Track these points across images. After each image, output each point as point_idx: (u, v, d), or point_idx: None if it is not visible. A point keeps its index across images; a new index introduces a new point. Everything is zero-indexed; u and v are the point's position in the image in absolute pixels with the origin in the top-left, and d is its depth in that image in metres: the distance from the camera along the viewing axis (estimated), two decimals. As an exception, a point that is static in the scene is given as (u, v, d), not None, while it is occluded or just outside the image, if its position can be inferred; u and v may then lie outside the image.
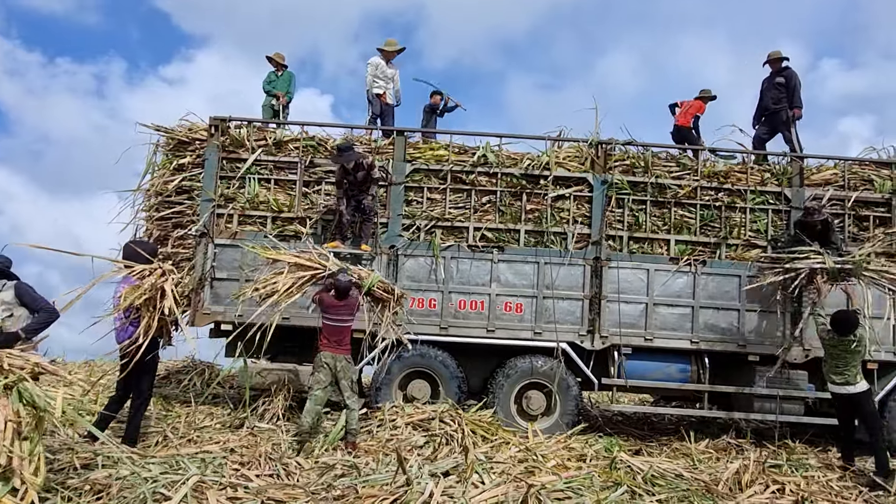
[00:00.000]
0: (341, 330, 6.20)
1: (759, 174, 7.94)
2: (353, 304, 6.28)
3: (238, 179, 7.65)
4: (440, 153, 7.84)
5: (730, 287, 7.64)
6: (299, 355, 7.82)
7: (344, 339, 6.22)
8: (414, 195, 7.75)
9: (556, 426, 7.28)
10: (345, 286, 6.17)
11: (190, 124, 7.98)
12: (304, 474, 5.15)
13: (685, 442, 7.23)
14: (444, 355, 7.42)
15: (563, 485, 4.76)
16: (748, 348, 7.56)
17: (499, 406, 7.29)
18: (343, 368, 6.16)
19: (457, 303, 7.58)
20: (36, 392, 3.77)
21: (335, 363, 6.14)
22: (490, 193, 7.76)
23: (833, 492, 5.53)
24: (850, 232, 7.80)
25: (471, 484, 4.71)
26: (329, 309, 6.19)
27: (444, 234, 7.65)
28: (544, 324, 7.53)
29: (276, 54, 8.94)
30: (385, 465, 5.35)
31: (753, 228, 7.81)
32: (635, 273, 7.63)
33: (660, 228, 7.78)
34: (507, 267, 7.63)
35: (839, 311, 6.44)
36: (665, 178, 7.82)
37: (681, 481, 5.25)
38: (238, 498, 4.39)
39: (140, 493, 4.23)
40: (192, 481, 4.44)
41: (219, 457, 5.29)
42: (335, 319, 6.18)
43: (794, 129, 8.51)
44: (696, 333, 7.57)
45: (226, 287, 7.50)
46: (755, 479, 5.40)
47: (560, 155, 7.88)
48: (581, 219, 7.74)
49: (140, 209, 7.86)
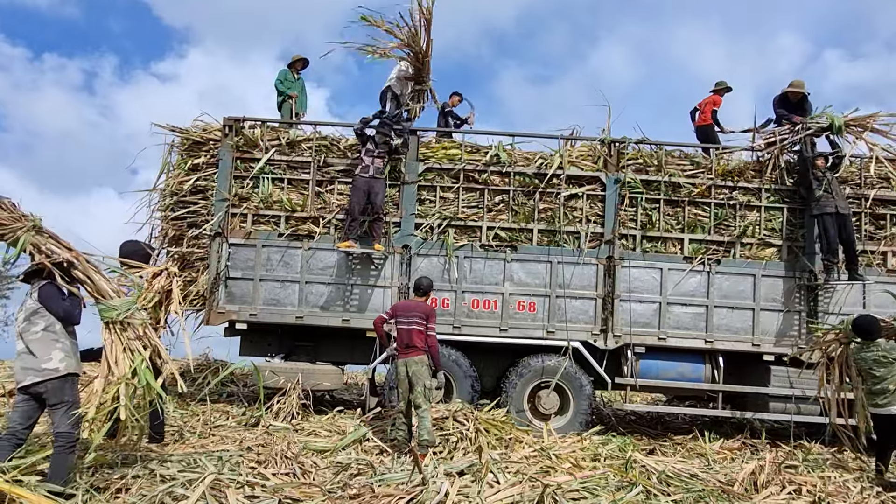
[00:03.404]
0: (410, 333, 5.90)
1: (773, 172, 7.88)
2: (426, 308, 6.02)
3: (252, 179, 7.70)
4: (453, 152, 7.85)
5: (744, 286, 7.60)
6: (313, 354, 7.89)
7: (413, 341, 5.89)
8: (427, 194, 7.76)
9: (570, 425, 7.27)
10: (426, 284, 6.12)
11: (204, 125, 8.04)
12: (320, 473, 5.17)
13: (699, 442, 7.20)
14: (457, 354, 7.43)
15: (579, 485, 4.76)
16: (763, 347, 7.52)
17: (512, 405, 7.30)
18: (415, 372, 5.83)
19: (470, 302, 7.59)
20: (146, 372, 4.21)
21: (406, 369, 5.87)
22: (503, 192, 7.75)
23: (850, 493, 5.48)
24: (867, 230, 7.74)
25: (486, 483, 4.72)
26: (400, 311, 6.02)
27: (457, 234, 7.66)
28: (557, 323, 7.53)
29: (300, 59, 8.94)
30: (400, 464, 5.38)
31: (768, 227, 7.76)
32: (649, 272, 7.61)
33: (673, 227, 7.75)
34: (520, 266, 7.62)
35: (860, 317, 6.25)
36: (679, 177, 7.78)
37: (696, 481, 5.24)
38: (256, 496, 4.42)
39: (158, 491, 4.27)
40: (209, 480, 4.48)
41: (235, 455, 5.34)
42: (406, 322, 5.93)
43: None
44: (710, 333, 7.54)
45: (240, 286, 7.56)
46: (771, 480, 5.36)
47: (572, 154, 7.87)
48: (594, 218, 7.72)
49: (155, 209, 7.92)
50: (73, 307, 4.18)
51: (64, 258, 4.11)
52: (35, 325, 4.08)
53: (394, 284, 7.59)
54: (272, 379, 7.30)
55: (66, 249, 4.18)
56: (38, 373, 4.05)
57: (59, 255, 4.10)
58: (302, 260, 7.58)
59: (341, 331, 7.66)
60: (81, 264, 4.20)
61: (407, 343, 5.90)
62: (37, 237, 4.07)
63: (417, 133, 7.96)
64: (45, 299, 4.10)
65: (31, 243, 4.05)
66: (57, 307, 4.11)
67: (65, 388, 4.12)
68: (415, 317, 5.91)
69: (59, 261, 4.10)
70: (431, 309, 6.09)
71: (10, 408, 6.56)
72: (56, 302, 4.11)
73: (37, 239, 4.07)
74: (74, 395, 4.20)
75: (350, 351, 7.94)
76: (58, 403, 4.11)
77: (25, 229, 4.01)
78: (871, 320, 6.13)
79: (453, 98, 9.20)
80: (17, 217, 4.03)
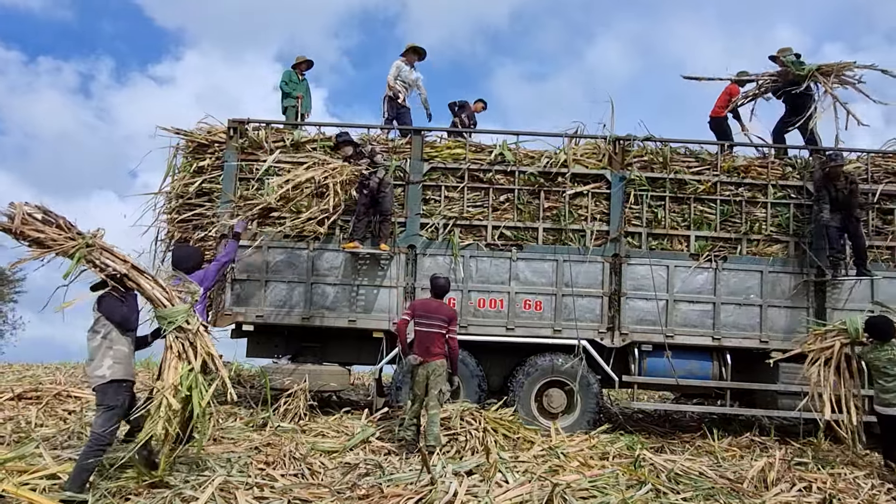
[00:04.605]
0: (431, 336, 5.85)
1: (780, 168, 7.85)
2: (448, 312, 5.97)
3: (257, 181, 7.70)
4: (457, 151, 7.84)
5: (752, 283, 7.57)
6: (320, 355, 7.90)
7: (434, 345, 5.85)
8: (432, 194, 7.75)
9: (577, 424, 7.26)
10: (443, 285, 6.06)
11: (208, 127, 8.05)
12: (329, 474, 5.18)
13: (708, 439, 7.17)
14: (463, 354, 7.40)
15: (588, 483, 4.75)
16: (771, 344, 7.48)
17: (519, 404, 7.28)
18: (434, 377, 5.79)
19: (476, 301, 7.58)
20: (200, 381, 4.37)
21: (426, 372, 5.82)
22: (508, 191, 7.74)
23: (861, 489, 5.45)
24: (875, 225, 7.70)
25: (494, 483, 4.72)
26: (420, 314, 5.94)
27: (462, 233, 7.65)
28: (564, 321, 7.51)
29: (304, 60, 8.95)
30: (409, 464, 5.38)
31: (775, 223, 7.72)
32: (655, 269, 7.58)
33: (679, 224, 7.72)
34: (525, 265, 7.61)
35: (875, 318, 6.21)
36: (684, 174, 7.75)
37: (705, 479, 5.22)
38: (265, 497, 4.43)
39: (168, 493, 4.28)
40: (218, 481, 4.50)
41: (244, 456, 5.35)
42: (426, 324, 5.87)
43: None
44: (718, 330, 7.51)
45: (246, 288, 7.57)
46: (781, 477, 5.33)
47: (577, 152, 7.85)
48: (599, 216, 7.70)
49: (161, 211, 7.94)
50: (130, 312, 4.45)
51: (117, 270, 4.36)
52: (97, 334, 4.37)
53: (399, 285, 7.59)
54: (279, 380, 7.32)
55: (122, 261, 4.43)
56: (91, 378, 4.37)
57: (112, 267, 4.35)
58: (308, 261, 7.58)
59: (348, 331, 7.67)
60: (132, 274, 4.42)
61: (427, 346, 5.84)
62: (92, 253, 4.29)
63: (422, 133, 7.96)
64: (103, 308, 4.38)
65: (86, 259, 4.27)
66: (114, 315, 4.36)
67: (108, 392, 4.33)
68: (436, 320, 5.87)
69: (113, 273, 4.34)
70: (454, 313, 6.09)
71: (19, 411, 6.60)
72: (113, 310, 4.36)
73: (91, 255, 4.29)
74: (118, 401, 4.37)
75: (357, 351, 7.94)
76: (100, 405, 4.36)
77: (79, 246, 4.24)
78: (886, 321, 6.09)
79: (477, 104, 9.43)
80: (72, 235, 4.29)
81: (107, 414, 4.31)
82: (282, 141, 7.84)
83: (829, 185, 7.32)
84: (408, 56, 8.80)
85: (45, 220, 4.24)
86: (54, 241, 4.21)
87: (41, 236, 4.18)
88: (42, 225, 4.21)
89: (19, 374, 9.94)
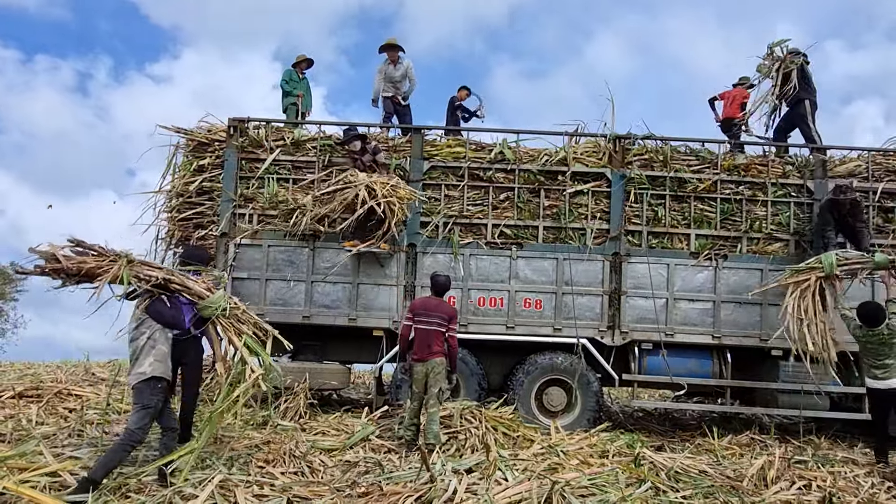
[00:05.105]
0: (431, 334, 5.84)
1: (780, 166, 7.84)
2: (449, 311, 5.96)
3: (257, 179, 7.71)
4: (457, 150, 7.84)
5: (752, 281, 7.55)
6: (320, 353, 7.89)
7: (434, 343, 5.84)
8: (432, 192, 7.75)
9: (577, 422, 7.26)
10: (443, 283, 6.05)
11: (209, 126, 8.06)
12: (329, 472, 5.18)
13: (708, 438, 7.16)
14: (463, 352, 7.39)
15: (588, 481, 4.75)
16: (771, 342, 7.48)
17: (519, 403, 7.28)
18: (434, 375, 5.79)
19: (476, 300, 7.58)
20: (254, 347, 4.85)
21: (425, 369, 5.81)
22: (508, 190, 7.74)
23: (861, 487, 5.45)
24: (875, 223, 7.68)
25: (494, 481, 4.72)
26: (420, 312, 5.92)
27: (462, 232, 7.65)
28: (564, 320, 7.51)
29: (304, 59, 8.96)
30: (409, 462, 5.38)
31: (775, 221, 7.72)
32: (655, 268, 7.57)
33: (679, 223, 7.71)
34: (525, 263, 7.61)
35: (863, 305, 6.30)
36: (684, 172, 7.75)
37: (705, 477, 5.22)
38: (264, 495, 4.43)
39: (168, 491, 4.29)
40: (218, 479, 4.50)
41: (244, 454, 5.35)
42: (426, 323, 5.85)
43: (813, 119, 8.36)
44: (718, 328, 7.51)
45: (247, 286, 7.57)
46: (781, 475, 5.33)
47: (577, 150, 7.84)
48: (600, 214, 7.70)
49: (162, 210, 7.95)
50: (179, 314, 4.73)
51: (160, 278, 4.61)
52: (141, 334, 4.57)
53: (400, 283, 7.59)
54: (279, 378, 7.31)
55: (158, 269, 4.72)
56: (133, 376, 4.56)
57: (154, 276, 4.60)
58: (308, 259, 7.59)
59: (348, 330, 7.67)
60: (175, 278, 4.71)
61: (427, 344, 5.84)
62: (134, 268, 4.56)
63: (422, 131, 7.96)
64: (152, 313, 4.61)
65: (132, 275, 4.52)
66: (164, 317, 4.62)
67: (145, 390, 4.50)
68: (436, 318, 5.87)
69: (156, 281, 4.59)
70: (454, 311, 6.10)
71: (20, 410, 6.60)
72: (162, 313, 4.61)
73: (134, 269, 4.55)
74: (153, 401, 4.53)
75: (357, 350, 7.94)
76: (135, 404, 4.54)
77: (121, 266, 4.48)
78: (876, 307, 6.19)
79: (461, 92, 9.26)
80: (112, 257, 4.50)
81: (141, 412, 4.48)
82: (282, 139, 7.85)
83: (833, 211, 7.26)
84: (389, 54, 8.79)
85: (81, 252, 4.44)
86: (100, 268, 4.40)
87: (86, 267, 4.38)
88: (80, 258, 4.40)
89: (20, 372, 9.95)
